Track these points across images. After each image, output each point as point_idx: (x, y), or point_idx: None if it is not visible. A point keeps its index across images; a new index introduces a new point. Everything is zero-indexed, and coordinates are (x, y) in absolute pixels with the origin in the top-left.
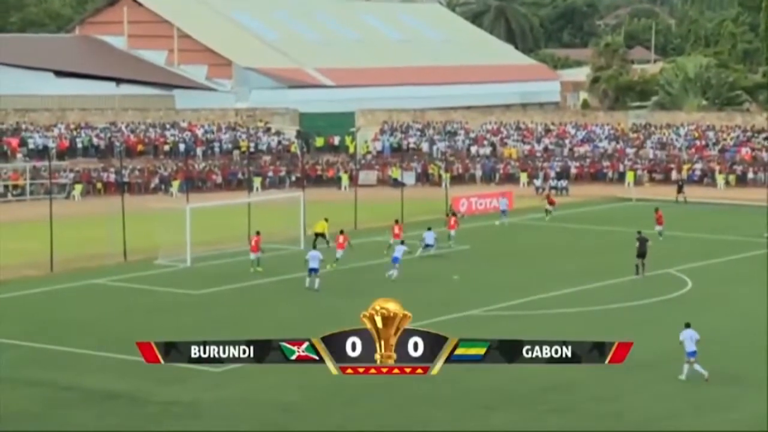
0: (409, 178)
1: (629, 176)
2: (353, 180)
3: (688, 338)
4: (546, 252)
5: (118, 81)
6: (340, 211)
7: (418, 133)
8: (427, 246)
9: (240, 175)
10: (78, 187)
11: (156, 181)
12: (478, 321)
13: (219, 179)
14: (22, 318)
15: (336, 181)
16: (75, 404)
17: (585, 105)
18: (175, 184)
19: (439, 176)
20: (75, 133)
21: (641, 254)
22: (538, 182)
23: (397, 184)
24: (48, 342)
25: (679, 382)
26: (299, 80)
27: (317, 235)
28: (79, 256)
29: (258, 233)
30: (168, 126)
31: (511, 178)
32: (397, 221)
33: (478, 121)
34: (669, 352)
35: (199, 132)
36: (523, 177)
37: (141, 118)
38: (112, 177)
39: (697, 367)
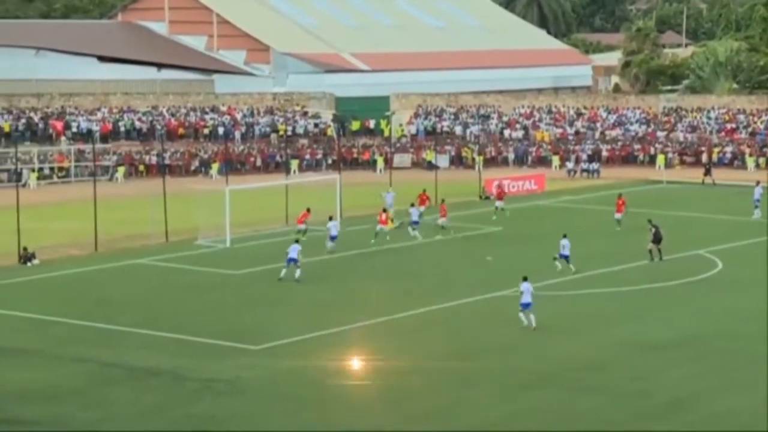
0: (442, 160)
1: (660, 159)
2: (388, 163)
3: (526, 290)
4: (578, 234)
5: (160, 66)
6: (375, 193)
7: (452, 116)
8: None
9: (278, 158)
10: (121, 170)
11: (196, 163)
12: (510, 301)
13: (257, 162)
14: (68, 296)
15: (371, 164)
16: (118, 380)
17: (616, 89)
18: (215, 166)
19: (473, 159)
20: (118, 116)
21: (657, 240)
22: (570, 165)
23: (431, 166)
24: (92, 320)
25: (707, 362)
26: (335, 65)
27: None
28: (122, 237)
29: (308, 210)
30: (208, 110)
31: (543, 161)
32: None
33: (510, 104)
34: (699, 332)
35: (238, 116)
36: (555, 160)
37: (182, 102)
38: (154, 159)
39: (531, 317)
